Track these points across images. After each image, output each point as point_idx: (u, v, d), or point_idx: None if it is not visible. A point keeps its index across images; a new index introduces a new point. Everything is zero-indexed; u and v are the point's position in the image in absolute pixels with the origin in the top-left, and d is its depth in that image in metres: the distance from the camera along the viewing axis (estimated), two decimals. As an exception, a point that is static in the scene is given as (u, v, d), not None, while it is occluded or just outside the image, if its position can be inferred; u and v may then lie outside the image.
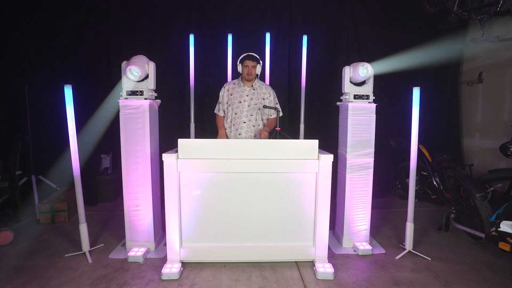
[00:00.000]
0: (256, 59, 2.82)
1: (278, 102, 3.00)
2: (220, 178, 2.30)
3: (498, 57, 3.83)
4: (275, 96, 3.00)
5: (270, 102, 2.93)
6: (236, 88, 2.93)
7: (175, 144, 2.28)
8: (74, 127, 2.38)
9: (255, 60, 2.82)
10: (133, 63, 2.40)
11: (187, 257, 2.34)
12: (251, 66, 2.80)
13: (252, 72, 2.82)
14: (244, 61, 2.82)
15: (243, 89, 2.91)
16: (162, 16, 3.90)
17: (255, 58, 2.82)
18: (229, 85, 2.99)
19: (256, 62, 2.83)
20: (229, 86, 2.98)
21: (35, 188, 3.41)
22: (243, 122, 2.89)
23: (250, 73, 2.82)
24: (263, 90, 2.94)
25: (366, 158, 2.65)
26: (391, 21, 4.10)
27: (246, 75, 2.84)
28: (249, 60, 2.80)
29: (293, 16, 4.03)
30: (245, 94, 2.90)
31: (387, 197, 4.30)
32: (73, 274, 2.24)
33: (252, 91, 2.91)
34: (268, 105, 2.87)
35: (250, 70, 2.81)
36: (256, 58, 2.82)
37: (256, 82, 2.92)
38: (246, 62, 2.80)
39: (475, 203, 2.65)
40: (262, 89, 2.94)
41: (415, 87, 2.44)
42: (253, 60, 2.81)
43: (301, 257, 2.41)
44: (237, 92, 2.91)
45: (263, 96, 2.92)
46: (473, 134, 4.24)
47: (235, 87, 2.94)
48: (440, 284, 2.16)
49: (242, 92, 2.90)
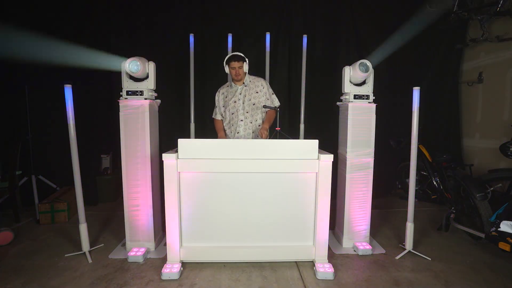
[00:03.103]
0: (241, 58, 2.78)
1: (273, 92, 2.99)
2: (220, 178, 2.30)
3: (498, 57, 3.83)
4: (269, 86, 2.99)
5: (265, 94, 2.91)
6: (229, 89, 2.94)
7: (175, 144, 2.28)
8: (74, 127, 2.38)
9: (240, 60, 2.77)
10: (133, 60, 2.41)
11: (187, 257, 2.34)
12: (237, 67, 2.77)
13: (239, 73, 2.80)
14: (229, 62, 2.78)
15: (235, 88, 2.91)
16: (162, 16, 3.90)
17: (239, 58, 2.77)
18: (223, 88, 3.00)
19: (242, 61, 2.78)
20: (223, 89, 2.99)
21: (35, 188, 3.41)
22: (240, 120, 2.89)
23: (238, 74, 2.81)
24: (255, 84, 2.93)
25: (366, 158, 2.65)
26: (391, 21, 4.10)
27: (235, 76, 2.83)
28: (234, 61, 2.76)
29: (293, 16, 4.03)
30: (238, 92, 2.90)
31: (387, 197, 4.30)
32: (73, 274, 2.24)
33: (244, 87, 2.91)
34: (263, 97, 2.89)
35: (237, 71, 2.79)
36: (241, 57, 2.78)
37: (246, 78, 2.91)
38: (232, 63, 2.77)
39: (475, 203, 2.65)
40: (254, 83, 2.93)
41: (415, 87, 2.44)
42: (238, 60, 2.76)
43: (301, 257, 2.41)
44: (231, 93, 2.92)
45: (256, 90, 2.91)
46: (473, 134, 4.23)
47: (228, 89, 2.95)
48: (440, 284, 2.16)
49: (235, 92, 2.91)
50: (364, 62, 2.53)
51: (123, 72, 2.51)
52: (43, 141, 3.71)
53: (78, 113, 2.42)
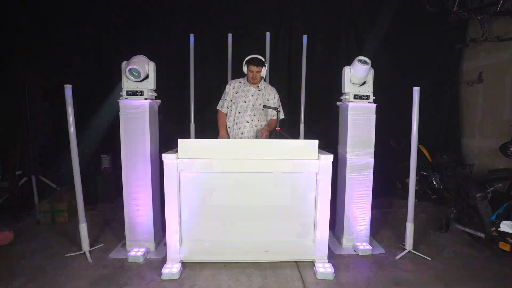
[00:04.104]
0: (262, 63, 2.80)
1: (281, 105, 3.01)
2: (220, 178, 2.30)
3: (498, 57, 3.83)
4: (279, 99, 3.02)
5: (274, 104, 2.94)
6: (242, 87, 2.93)
7: (175, 144, 2.28)
8: (74, 127, 2.38)
9: (260, 65, 2.79)
10: (133, 63, 2.40)
11: (187, 257, 2.34)
12: (255, 71, 2.79)
13: (256, 77, 2.83)
14: (249, 65, 2.80)
15: (248, 88, 2.92)
16: (162, 16, 3.90)
17: (259, 63, 2.78)
18: (235, 83, 2.98)
19: (261, 66, 2.81)
20: (235, 84, 2.97)
21: (35, 188, 3.41)
22: (246, 121, 2.89)
23: (255, 78, 2.83)
24: (268, 91, 2.96)
25: (366, 158, 2.65)
26: (391, 21, 4.10)
27: (251, 79, 2.85)
28: (254, 65, 2.77)
29: (293, 16, 4.03)
30: (250, 94, 2.91)
31: (387, 197, 4.30)
32: (73, 274, 2.24)
33: (257, 91, 2.92)
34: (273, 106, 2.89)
35: (255, 75, 2.81)
36: (261, 62, 2.80)
37: (261, 83, 2.94)
38: (251, 67, 2.78)
39: (475, 203, 2.65)
40: (267, 90, 2.96)
41: (415, 87, 2.44)
42: (258, 65, 2.78)
43: (301, 257, 2.41)
44: (243, 91, 2.91)
45: (267, 97, 2.93)
46: (473, 134, 4.23)
47: (241, 86, 2.94)
48: (440, 284, 2.16)
49: (247, 92, 2.91)
50: (362, 57, 2.53)
51: (123, 72, 2.51)
52: (43, 141, 3.71)
53: (78, 113, 2.42)
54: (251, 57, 2.80)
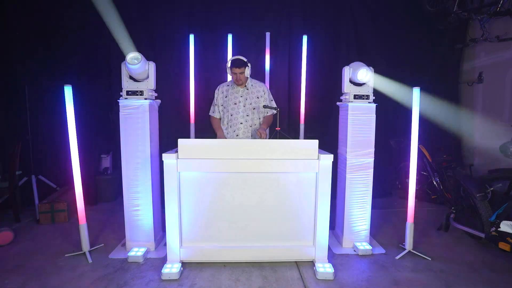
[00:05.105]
0: (243, 64, 2.75)
1: (272, 99, 3.00)
2: (220, 178, 2.30)
3: (498, 57, 3.83)
4: (269, 93, 3.01)
5: (265, 100, 2.93)
6: (230, 89, 2.93)
7: (175, 144, 2.28)
8: (74, 127, 2.38)
9: (242, 66, 2.75)
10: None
11: (187, 257, 2.34)
12: (238, 73, 2.77)
13: (241, 78, 2.80)
14: (231, 68, 2.78)
15: (237, 90, 2.91)
16: (162, 16, 3.90)
17: (241, 64, 2.74)
18: (223, 87, 2.99)
19: (243, 66, 2.75)
20: (223, 88, 2.98)
21: (35, 188, 3.41)
22: (239, 123, 2.89)
23: (239, 79, 2.81)
24: (257, 88, 2.94)
25: (366, 158, 2.65)
26: (391, 21, 4.10)
27: (236, 81, 2.84)
28: (236, 67, 2.74)
29: (293, 16, 4.03)
30: (239, 95, 2.90)
31: (387, 197, 4.30)
32: (73, 274, 2.24)
33: (246, 91, 2.91)
34: (264, 103, 2.90)
35: (239, 77, 2.79)
36: (243, 63, 2.75)
37: (248, 81, 2.92)
38: (233, 69, 2.76)
39: (475, 203, 2.65)
40: (255, 87, 2.94)
41: (415, 87, 2.44)
42: (240, 66, 2.74)
43: (301, 257, 2.41)
44: (231, 94, 2.91)
45: (257, 95, 2.92)
46: (473, 134, 4.23)
47: (229, 89, 2.94)
48: (440, 284, 2.16)
49: (236, 94, 2.91)
50: (364, 70, 2.51)
51: (123, 72, 2.51)
52: (43, 141, 3.71)
53: (78, 113, 2.42)
54: (231, 59, 2.80)
